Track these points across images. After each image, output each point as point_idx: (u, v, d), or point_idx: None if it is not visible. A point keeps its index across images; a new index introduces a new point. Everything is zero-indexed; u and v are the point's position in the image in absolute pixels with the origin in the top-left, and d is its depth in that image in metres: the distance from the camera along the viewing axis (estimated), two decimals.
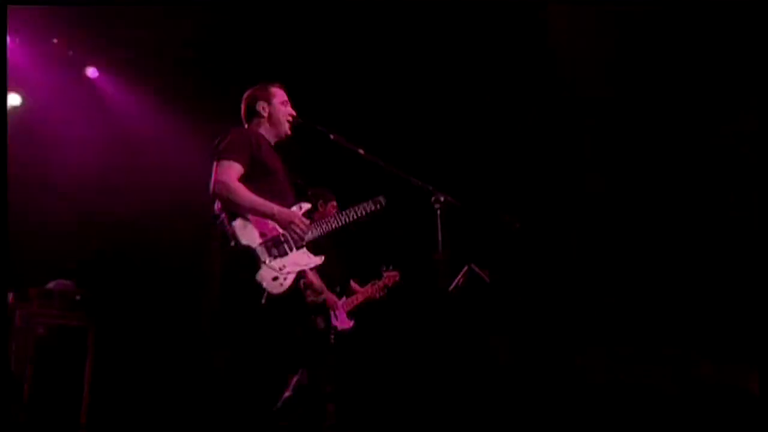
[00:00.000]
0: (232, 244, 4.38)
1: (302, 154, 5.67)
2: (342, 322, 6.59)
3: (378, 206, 4.93)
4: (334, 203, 6.63)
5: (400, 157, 4.96)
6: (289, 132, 4.91)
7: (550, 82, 7.11)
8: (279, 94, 4.93)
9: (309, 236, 4.66)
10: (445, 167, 6.56)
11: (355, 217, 4.88)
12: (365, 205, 4.92)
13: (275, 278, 4.40)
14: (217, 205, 4.58)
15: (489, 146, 7.65)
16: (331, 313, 6.52)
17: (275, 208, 4.51)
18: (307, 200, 4.85)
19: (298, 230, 4.54)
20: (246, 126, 4.95)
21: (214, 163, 4.54)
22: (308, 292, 5.40)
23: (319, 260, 4.67)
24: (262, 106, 4.88)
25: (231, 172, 4.49)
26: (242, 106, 4.97)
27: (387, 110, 7.83)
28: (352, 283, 6.86)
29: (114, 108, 7.70)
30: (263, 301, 4.33)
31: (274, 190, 4.64)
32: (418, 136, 7.76)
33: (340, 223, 4.84)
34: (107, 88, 7.73)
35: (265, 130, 4.89)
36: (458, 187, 4.94)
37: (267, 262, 4.38)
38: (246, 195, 4.46)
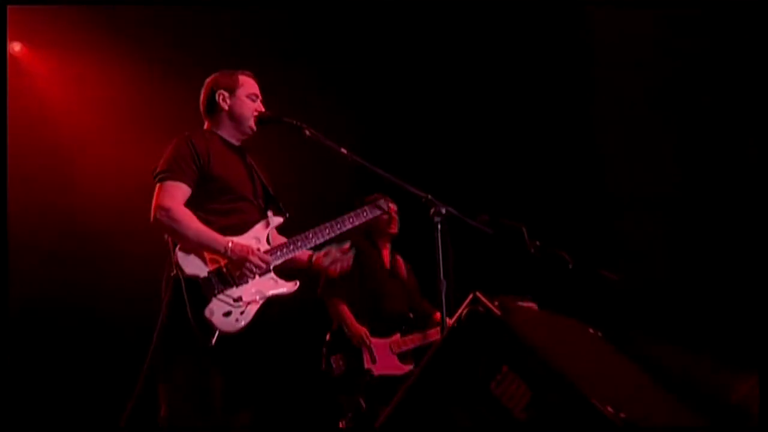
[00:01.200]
0: (173, 274, 3.72)
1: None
2: (385, 365, 5.62)
3: (380, 211, 4.30)
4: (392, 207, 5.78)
5: (397, 161, 4.42)
6: (253, 127, 4.17)
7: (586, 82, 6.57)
8: (247, 85, 4.18)
9: (280, 258, 3.95)
10: (449, 174, 6.13)
11: (350, 226, 4.20)
12: (364, 210, 4.24)
13: (228, 313, 3.70)
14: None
15: (503, 149, 7.00)
16: (364, 352, 5.61)
17: (227, 242, 3.79)
18: (279, 213, 4.11)
19: (254, 269, 3.82)
20: (205, 122, 4.20)
21: (156, 186, 3.86)
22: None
23: (291, 286, 3.94)
24: (222, 97, 4.14)
25: (175, 195, 3.83)
26: (201, 96, 4.22)
27: (383, 111, 7.24)
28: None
29: (46, 101, 6.68)
30: (213, 341, 3.64)
31: (230, 207, 3.95)
32: (420, 139, 7.12)
33: (327, 237, 4.11)
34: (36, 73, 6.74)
35: (224, 129, 4.16)
36: (464, 197, 4.36)
37: (217, 293, 3.70)
38: (192, 226, 3.77)
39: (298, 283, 3.96)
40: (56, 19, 6.50)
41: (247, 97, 4.14)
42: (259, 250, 3.91)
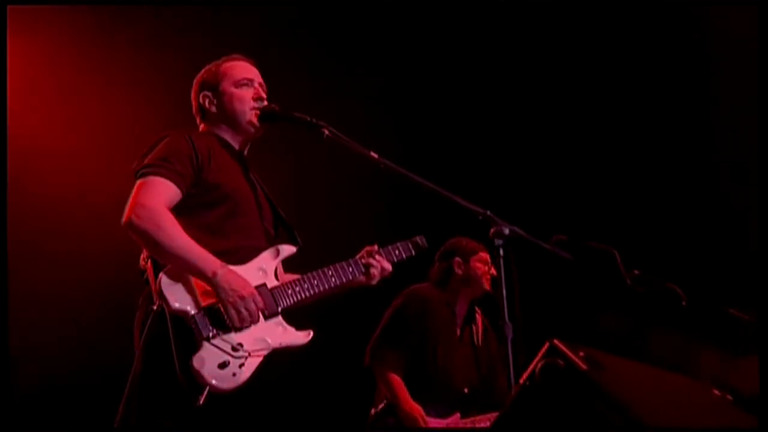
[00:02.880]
0: (156, 308, 3.03)
1: None
2: None
3: (413, 251, 3.69)
4: (483, 255, 4.93)
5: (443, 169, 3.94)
6: (255, 123, 3.42)
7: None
8: (233, 72, 3.49)
9: (290, 299, 3.27)
10: (514, 185, 5.21)
11: (377, 264, 3.54)
12: (395, 248, 3.63)
13: (224, 364, 2.99)
14: (144, 254, 3.19)
15: (585, 156, 6.06)
16: None
17: (217, 265, 3.06)
18: (291, 240, 3.43)
19: (244, 313, 3.08)
20: (200, 125, 3.53)
21: (137, 182, 3.16)
22: None
23: (303, 337, 3.23)
24: (208, 99, 3.48)
25: (161, 194, 3.11)
26: (192, 102, 3.58)
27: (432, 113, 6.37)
28: None
29: None
30: (201, 400, 2.94)
31: (230, 226, 3.24)
32: (474, 142, 6.20)
33: (349, 276, 3.45)
34: None
35: (226, 131, 3.46)
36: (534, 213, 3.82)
37: (211, 337, 3.00)
38: (178, 236, 3.04)
39: (311, 334, 3.24)
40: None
41: (235, 87, 3.44)
42: (265, 285, 3.19)
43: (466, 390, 4.88)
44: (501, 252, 3.07)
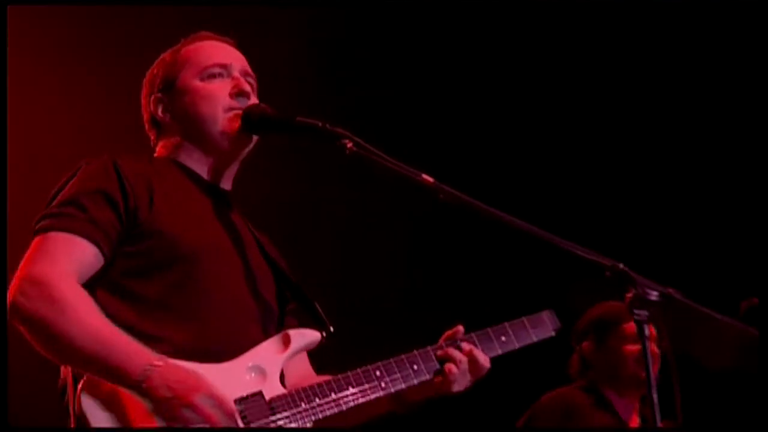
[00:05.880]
0: (78, 411, 2.03)
1: None
2: None
3: (536, 337, 2.55)
4: (626, 328, 3.68)
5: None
6: (232, 133, 2.32)
7: None
8: (197, 56, 2.42)
9: (303, 419, 2.18)
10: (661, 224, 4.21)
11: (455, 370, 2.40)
12: (499, 333, 2.48)
13: None
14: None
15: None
16: None
17: (149, 362, 2.01)
18: (316, 322, 2.36)
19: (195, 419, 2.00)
20: (157, 146, 2.47)
21: (34, 240, 2.18)
22: None
23: None
24: (158, 102, 2.42)
25: (65, 259, 2.12)
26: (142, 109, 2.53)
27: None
28: None
29: None
30: None
31: (194, 299, 2.19)
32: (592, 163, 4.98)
33: (403, 385, 2.30)
34: None
35: (188, 152, 2.38)
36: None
37: None
38: (88, 317, 2.04)
39: None
40: None
41: (200, 79, 2.37)
42: (260, 395, 2.12)
43: None
44: (645, 328, 1.96)
